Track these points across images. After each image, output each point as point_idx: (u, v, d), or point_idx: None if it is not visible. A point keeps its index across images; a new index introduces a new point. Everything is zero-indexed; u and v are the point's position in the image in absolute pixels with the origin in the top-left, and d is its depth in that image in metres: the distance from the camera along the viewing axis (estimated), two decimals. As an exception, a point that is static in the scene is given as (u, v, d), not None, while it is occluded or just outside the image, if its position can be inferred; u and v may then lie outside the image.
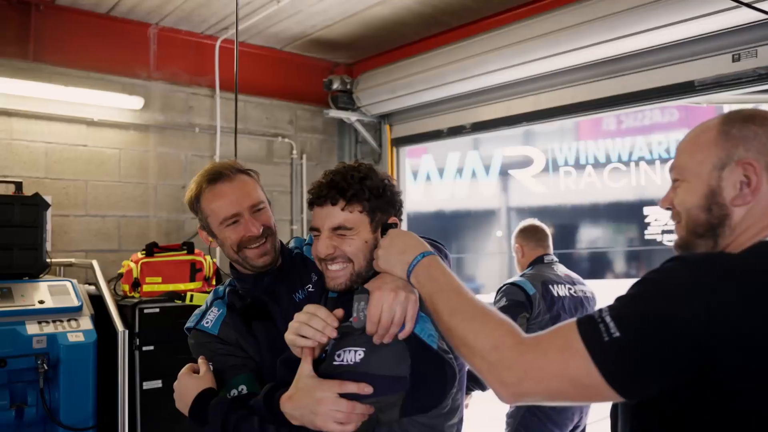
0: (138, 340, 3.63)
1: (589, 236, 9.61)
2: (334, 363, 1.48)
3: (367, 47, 5.60)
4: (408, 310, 1.46)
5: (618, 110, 4.25)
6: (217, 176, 1.88)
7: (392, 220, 1.68)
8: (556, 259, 3.51)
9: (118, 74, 4.92)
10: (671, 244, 1.35)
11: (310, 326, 1.49)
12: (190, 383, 1.75)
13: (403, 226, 1.76)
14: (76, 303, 3.62)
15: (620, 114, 9.03)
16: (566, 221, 9.67)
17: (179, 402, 1.78)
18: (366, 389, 1.42)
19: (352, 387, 1.43)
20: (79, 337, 3.45)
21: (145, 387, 3.62)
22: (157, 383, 3.65)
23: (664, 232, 8.63)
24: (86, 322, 3.56)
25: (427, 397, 1.49)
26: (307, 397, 1.45)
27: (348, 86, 5.66)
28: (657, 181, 8.86)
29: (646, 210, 8.83)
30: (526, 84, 4.63)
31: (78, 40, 4.75)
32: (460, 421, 1.63)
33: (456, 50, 4.71)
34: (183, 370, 1.80)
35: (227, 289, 2.00)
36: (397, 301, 1.45)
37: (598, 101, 4.25)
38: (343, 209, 1.60)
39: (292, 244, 2.11)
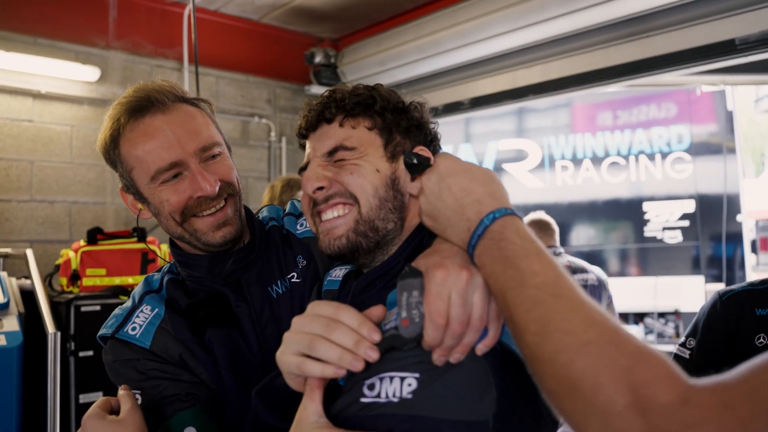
0: (73, 343, 3.06)
1: (587, 233, 9.19)
2: (364, 400, 0.88)
3: (355, 18, 5.04)
4: (492, 301, 0.86)
5: (641, 77, 3.70)
6: (143, 104, 1.25)
7: (421, 149, 1.12)
8: (559, 250, 3.62)
9: (71, 41, 4.41)
10: (672, 241, 0.78)
11: (330, 342, 0.88)
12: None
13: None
14: (1, 300, 3.03)
15: (616, 108, 8.65)
16: (563, 218, 9.26)
17: None
18: None
19: None
20: (0, 341, 2.86)
21: (81, 400, 3.08)
22: (98, 396, 3.08)
23: (665, 228, 8.22)
24: (12, 323, 2.98)
25: None
26: None
27: (332, 60, 5.16)
28: (657, 176, 8.48)
29: (646, 206, 8.45)
30: (534, 51, 4.15)
31: (24, 1, 4.17)
32: None
33: (454, 13, 4.20)
34: (92, 409, 1.14)
35: (165, 279, 1.40)
36: (473, 285, 0.85)
37: (619, 68, 3.75)
38: (341, 125, 1.11)
39: (264, 214, 1.51)
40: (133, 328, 1.30)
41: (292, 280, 1.37)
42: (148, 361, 1.27)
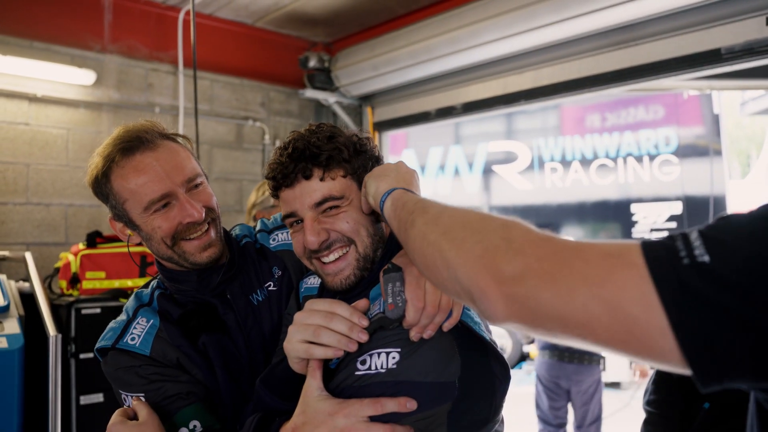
0: (74, 345, 3.10)
1: (575, 235, 9.28)
2: (358, 373, 1.13)
3: (348, 23, 5.09)
4: None
5: (630, 84, 3.77)
6: (134, 143, 1.42)
7: None
8: None
9: (67, 45, 4.40)
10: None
11: (330, 330, 1.14)
12: None
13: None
14: (1, 302, 3.06)
15: (604, 111, 8.75)
16: (552, 220, 9.36)
17: None
18: (409, 405, 1.09)
19: (390, 405, 1.09)
20: (1, 343, 2.89)
21: (82, 402, 3.10)
22: (98, 397, 3.13)
23: (653, 230, 8.33)
24: (13, 325, 3.01)
25: (480, 408, 1.16)
26: (323, 427, 1.10)
27: (326, 64, 5.18)
28: (645, 178, 8.57)
29: (634, 207, 8.54)
30: (525, 57, 4.19)
31: (20, 4, 4.19)
32: None
33: (447, 20, 4.24)
34: (114, 418, 1.34)
35: (156, 294, 1.57)
36: None
37: (608, 75, 3.80)
38: (322, 179, 1.28)
39: (237, 232, 1.69)
40: (132, 339, 1.45)
41: (269, 288, 1.56)
42: (149, 366, 1.42)
